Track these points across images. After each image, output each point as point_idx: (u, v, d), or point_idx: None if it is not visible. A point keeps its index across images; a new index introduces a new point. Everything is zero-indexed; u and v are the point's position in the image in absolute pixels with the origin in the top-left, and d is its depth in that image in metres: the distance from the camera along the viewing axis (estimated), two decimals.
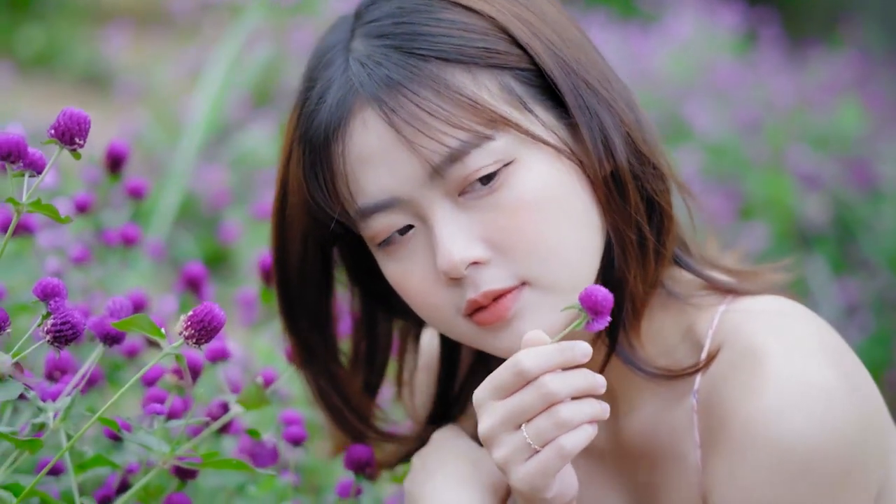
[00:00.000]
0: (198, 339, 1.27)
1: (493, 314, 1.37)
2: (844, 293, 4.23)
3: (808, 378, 1.31)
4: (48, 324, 1.27)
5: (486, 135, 1.33)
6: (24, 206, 1.25)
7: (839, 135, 4.85)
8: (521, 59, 1.38)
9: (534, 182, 1.35)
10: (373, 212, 1.37)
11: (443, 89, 1.33)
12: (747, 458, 1.32)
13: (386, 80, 1.34)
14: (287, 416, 1.63)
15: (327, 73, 1.40)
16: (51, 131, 1.26)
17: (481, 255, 1.35)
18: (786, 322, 1.39)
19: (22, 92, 5.19)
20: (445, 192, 1.35)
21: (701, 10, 5.76)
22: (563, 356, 1.26)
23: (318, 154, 1.39)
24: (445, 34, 1.36)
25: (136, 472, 1.50)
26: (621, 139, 1.39)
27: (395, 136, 1.34)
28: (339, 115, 1.37)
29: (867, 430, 1.33)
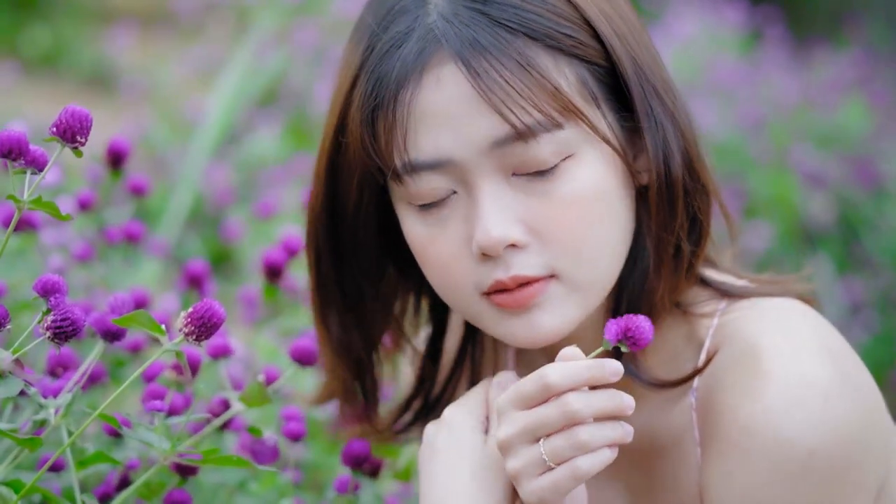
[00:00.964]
0: (198, 335, 1.27)
1: (516, 300, 1.36)
2: (849, 292, 4.22)
3: (807, 378, 1.31)
4: (48, 320, 1.27)
5: (559, 122, 1.32)
6: (25, 203, 1.25)
7: (843, 134, 4.85)
8: (599, 56, 1.36)
9: (588, 180, 1.34)
10: (422, 169, 1.35)
11: (528, 67, 1.31)
12: (745, 458, 1.32)
13: (473, 41, 1.32)
14: (287, 412, 1.63)
15: (404, 20, 1.36)
16: (52, 129, 1.25)
17: (521, 237, 1.34)
18: (785, 320, 1.38)
19: (27, 92, 5.20)
20: (500, 166, 1.34)
21: (704, 9, 5.75)
22: (591, 373, 1.24)
23: (384, 98, 1.35)
24: (536, 13, 1.34)
25: (138, 468, 1.50)
26: (679, 152, 1.38)
27: (473, 99, 1.31)
28: (417, 64, 1.33)
29: (866, 431, 1.33)
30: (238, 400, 1.46)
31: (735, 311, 1.41)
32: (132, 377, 1.31)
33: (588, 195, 1.34)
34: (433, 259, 1.39)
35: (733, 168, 4.60)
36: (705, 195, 1.41)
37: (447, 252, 1.37)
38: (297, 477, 1.68)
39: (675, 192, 1.38)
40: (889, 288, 4.26)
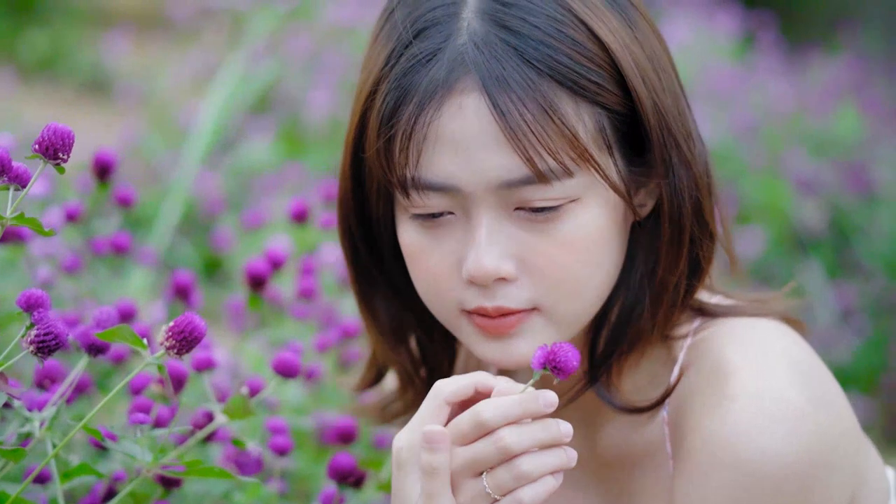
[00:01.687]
0: (179, 349, 1.27)
1: (496, 326, 1.37)
2: (840, 298, 4.25)
3: (774, 397, 1.32)
4: (31, 335, 1.28)
5: (571, 171, 1.32)
6: (8, 220, 1.26)
7: (836, 140, 4.87)
8: (622, 103, 1.35)
9: (589, 223, 1.35)
10: (428, 188, 1.35)
11: (551, 112, 1.31)
12: (711, 476, 1.33)
13: (501, 78, 1.31)
14: (273, 424, 1.64)
15: (434, 33, 1.35)
16: (35, 146, 1.26)
17: (511, 272, 1.34)
18: (755, 339, 1.40)
19: (25, 96, 5.22)
20: (504, 202, 1.34)
21: (699, 14, 5.76)
22: (524, 408, 1.24)
23: (404, 113, 1.35)
24: (566, 55, 1.32)
25: (123, 479, 1.51)
26: (691, 201, 1.38)
27: (491, 134, 1.31)
28: (442, 86, 1.33)
29: (833, 452, 1.34)
30: (221, 412, 1.46)
31: (708, 330, 1.42)
32: (114, 391, 1.31)
33: (586, 238, 1.35)
34: (423, 270, 1.40)
35: (726, 174, 4.60)
36: (710, 241, 1.41)
37: (437, 267, 1.38)
38: (283, 487, 1.69)
39: (682, 240, 1.39)
40: (880, 293, 4.28)
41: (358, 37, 4.61)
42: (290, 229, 2.43)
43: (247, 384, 1.59)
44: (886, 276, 4.30)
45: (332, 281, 2.34)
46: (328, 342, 2.08)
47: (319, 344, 2.08)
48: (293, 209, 2.25)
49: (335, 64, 4.52)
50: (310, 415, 2.01)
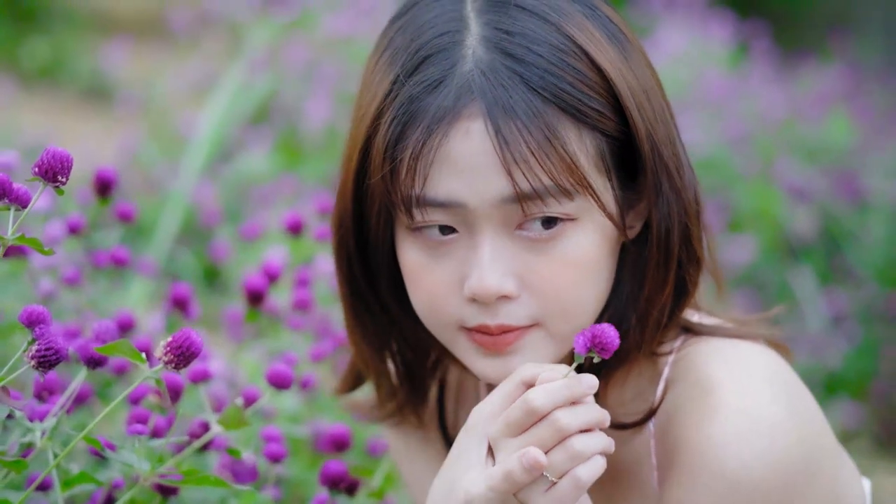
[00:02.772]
0: (176, 364, 1.31)
1: (496, 343, 1.41)
2: (831, 304, 4.26)
3: (755, 411, 1.37)
4: (33, 349, 1.31)
5: (571, 193, 1.36)
6: (9, 240, 1.30)
7: (828, 147, 4.88)
8: (619, 129, 1.39)
9: (585, 245, 1.39)
10: (432, 205, 1.38)
11: (553, 139, 1.34)
12: (696, 486, 1.38)
13: (506, 105, 1.34)
14: (267, 433, 1.67)
15: (439, 59, 1.38)
16: (35, 169, 1.30)
17: (512, 290, 1.38)
18: (737, 356, 1.44)
19: (25, 104, 5.23)
20: (506, 220, 1.37)
21: (693, 24, 5.76)
22: (572, 391, 1.30)
23: (412, 137, 1.38)
24: (569, 83, 1.36)
25: (121, 487, 1.54)
26: (680, 226, 1.42)
27: (495, 162, 1.35)
28: (451, 112, 1.36)
29: (811, 463, 1.39)
30: (217, 422, 1.47)
31: (692, 347, 1.47)
32: (114, 403, 1.35)
33: (583, 257, 1.38)
34: (423, 287, 1.43)
35: (719, 182, 4.63)
36: (696, 266, 1.45)
37: (438, 285, 1.41)
38: (278, 493, 1.71)
39: (670, 264, 1.43)
40: (871, 300, 4.29)
41: (355, 47, 4.62)
42: (287, 240, 2.45)
43: (242, 394, 1.64)
44: (877, 283, 4.31)
45: (327, 292, 2.35)
46: (323, 352, 2.10)
47: (314, 354, 2.10)
48: (289, 222, 2.28)
49: (332, 74, 4.53)
50: (305, 423, 2.04)
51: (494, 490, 1.30)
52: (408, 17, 1.44)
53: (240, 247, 3.25)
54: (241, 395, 1.61)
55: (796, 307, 4.24)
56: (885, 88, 5.95)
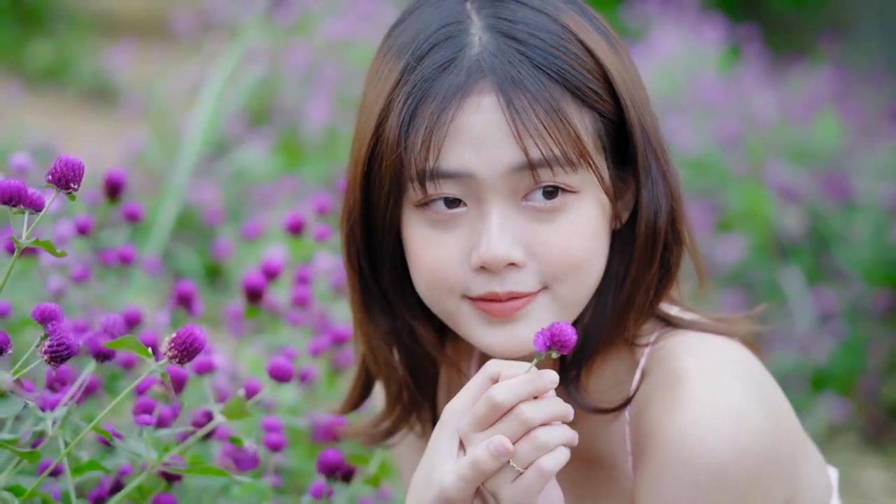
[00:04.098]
0: (181, 358, 1.38)
1: (503, 310, 1.47)
2: (819, 302, 4.29)
3: (722, 402, 1.44)
4: (45, 345, 1.38)
5: (574, 166, 1.44)
6: (24, 243, 1.37)
7: (817, 149, 4.91)
8: (613, 111, 1.48)
9: (588, 217, 1.46)
10: (444, 177, 1.44)
11: (559, 113, 1.43)
12: (667, 472, 1.45)
13: (517, 79, 1.42)
14: (268, 423, 1.73)
15: (448, 45, 1.46)
16: (48, 177, 1.36)
17: (520, 257, 1.45)
18: (707, 349, 1.52)
19: (30, 105, 5.26)
20: (514, 190, 1.45)
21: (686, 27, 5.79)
22: (534, 386, 1.36)
23: (426, 112, 1.44)
24: (571, 66, 1.45)
25: (129, 474, 1.61)
26: (666, 209, 1.51)
27: (505, 129, 1.42)
28: (463, 88, 1.43)
29: (775, 451, 1.46)
30: (219, 413, 1.55)
31: (668, 339, 1.54)
32: (122, 394, 1.42)
33: (586, 227, 1.46)
34: (428, 259, 1.49)
35: (710, 182, 4.67)
36: (680, 247, 1.54)
37: (443, 256, 1.48)
38: (278, 482, 1.77)
39: (657, 245, 1.51)
40: (858, 298, 4.32)
41: (354, 50, 4.65)
42: (287, 239, 2.50)
43: (244, 386, 1.68)
44: (864, 282, 4.33)
45: (326, 289, 2.40)
46: (321, 347, 2.15)
47: (313, 348, 2.15)
48: (290, 222, 2.32)
49: (332, 77, 4.56)
50: (303, 414, 2.09)
51: (464, 479, 1.37)
52: (409, 20, 1.52)
53: (241, 245, 3.29)
54: (242, 388, 1.64)
55: (785, 305, 4.28)
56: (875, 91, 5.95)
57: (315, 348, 2.16)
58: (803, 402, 4.05)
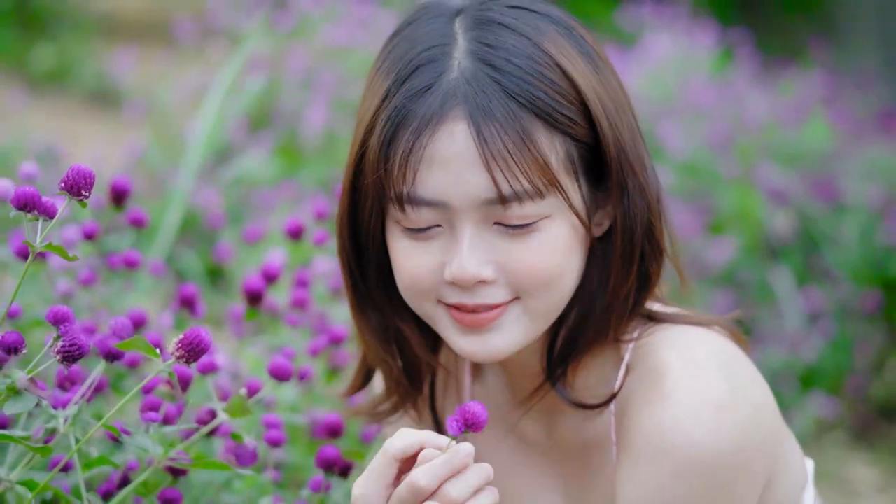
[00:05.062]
0: (187, 359, 1.43)
1: (476, 320, 1.54)
2: (808, 302, 4.33)
3: (703, 392, 1.50)
4: (58, 345, 1.43)
5: (543, 193, 1.49)
6: (39, 248, 1.42)
7: (807, 152, 4.93)
8: (588, 134, 1.52)
9: (558, 236, 1.51)
10: (421, 203, 1.50)
11: (527, 142, 1.47)
12: (649, 464, 1.51)
13: (486, 110, 1.46)
14: (268, 420, 1.77)
15: (430, 67, 1.50)
16: (61, 185, 1.42)
17: (490, 275, 1.51)
18: (688, 344, 1.57)
19: (35, 108, 5.28)
20: (486, 217, 1.51)
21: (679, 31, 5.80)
22: (451, 466, 1.37)
23: (403, 136, 1.49)
24: (543, 91, 1.49)
25: (136, 469, 1.65)
26: (643, 222, 1.55)
27: (476, 159, 1.47)
28: (437, 114, 1.47)
29: (754, 440, 1.52)
30: (222, 410, 1.59)
31: (650, 335, 1.60)
32: (131, 393, 1.47)
33: (556, 246, 1.51)
34: (408, 270, 1.56)
35: (702, 185, 4.70)
36: (659, 258, 1.59)
37: (421, 268, 1.54)
38: (278, 477, 1.82)
39: (634, 257, 1.56)
40: (846, 298, 4.36)
41: (352, 56, 4.67)
42: (287, 243, 2.53)
43: (246, 386, 1.74)
44: (852, 282, 4.37)
45: (324, 291, 2.43)
46: (319, 347, 2.18)
47: (312, 349, 2.18)
48: (289, 227, 2.35)
49: (331, 81, 4.57)
50: (303, 412, 2.13)
51: None
52: (405, 32, 1.58)
53: (242, 249, 3.31)
54: (244, 387, 1.70)
55: (775, 305, 4.32)
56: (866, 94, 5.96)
57: (313, 348, 2.19)
58: (793, 400, 4.09)
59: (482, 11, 1.55)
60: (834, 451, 4.03)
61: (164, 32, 5.99)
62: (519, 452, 1.73)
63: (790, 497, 1.66)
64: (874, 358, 4.30)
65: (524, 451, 1.73)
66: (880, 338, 4.34)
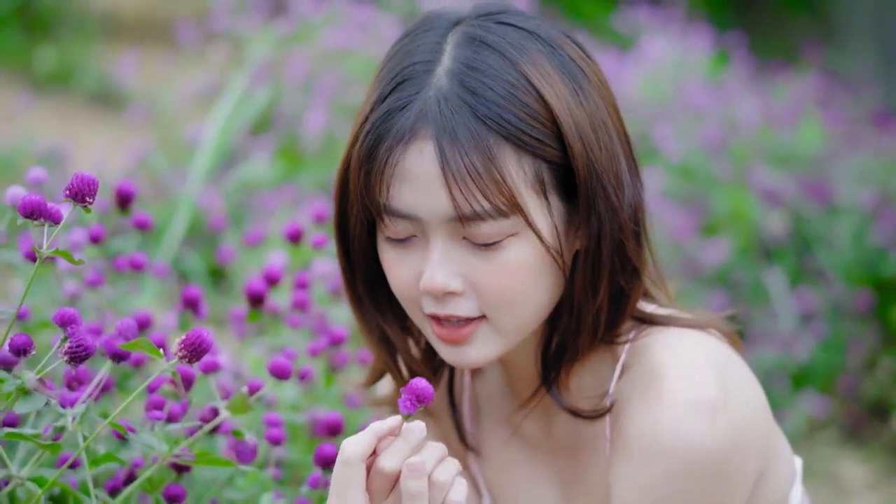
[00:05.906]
0: (190, 358, 1.46)
1: (451, 336, 1.59)
2: (801, 302, 4.36)
3: (698, 395, 1.54)
4: (65, 347, 1.46)
5: (505, 213, 1.53)
6: (46, 252, 1.46)
7: (800, 154, 4.94)
8: (559, 155, 1.54)
9: (525, 255, 1.55)
10: (394, 215, 1.55)
11: (491, 163, 1.50)
12: (644, 462, 1.55)
13: (452, 132, 1.50)
14: (269, 418, 1.80)
15: (411, 84, 1.55)
16: (66, 192, 1.45)
17: (458, 287, 1.56)
18: (682, 345, 1.61)
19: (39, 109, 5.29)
20: (454, 232, 1.55)
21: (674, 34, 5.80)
22: (411, 441, 1.44)
23: (379, 152, 1.54)
24: (514, 114, 1.52)
25: (141, 466, 1.68)
26: (612, 241, 1.58)
27: (440, 181, 1.51)
28: (408, 134, 1.52)
29: (745, 439, 1.56)
30: (225, 408, 1.63)
31: (645, 337, 1.64)
32: (136, 392, 1.50)
33: (522, 266, 1.55)
34: (393, 280, 1.62)
35: (697, 186, 4.72)
36: (634, 275, 1.62)
37: (404, 278, 1.60)
38: (278, 474, 1.84)
39: (601, 274, 1.59)
40: (839, 298, 4.38)
41: (352, 59, 4.69)
42: (287, 246, 2.55)
43: (247, 384, 1.76)
44: (845, 283, 4.40)
45: (324, 293, 2.47)
46: (319, 347, 2.21)
47: (311, 349, 2.21)
48: (289, 231, 2.37)
49: (331, 85, 4.59)
50: (303, 411, 2.15)
51: None
52: (403, 42, 1.63)
53: (244, 251, 3.33)
54: (246, 386, 1.71)
55: (769, 305, 4.34)
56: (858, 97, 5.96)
57: (313, 349, 2.21)
58: (785, 399, 4.12)
59: (473, 28, 1.58)
60: (826, 449, 4.06)
61: (165, 32, 6.02)
62: (518, 449, 1.77)
63: (780, 493, 1.70)
64: (866, 357, 4.32)
65: (523, 447, 1.77)
66: (872, 337, 4.36)
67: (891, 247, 4.50)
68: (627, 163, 1.62)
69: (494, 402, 1.80)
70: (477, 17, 1.60)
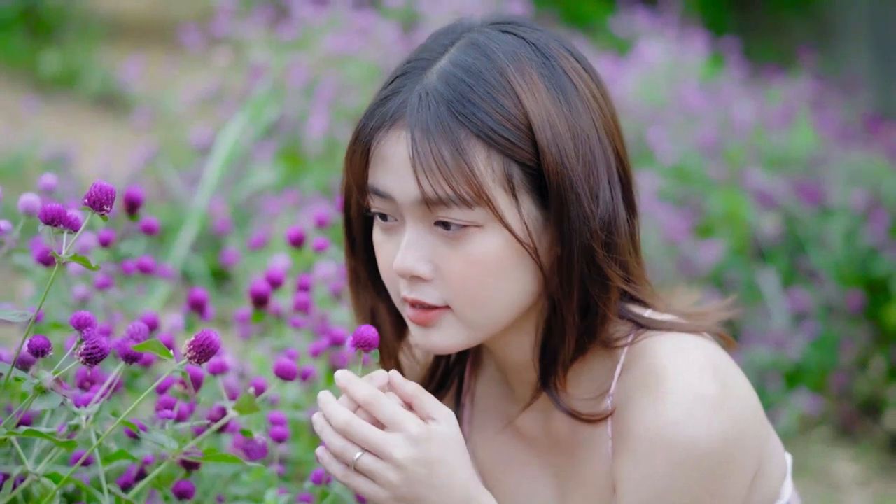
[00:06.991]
0: (198, 359, 1.51)
1: (419, 318, 1.65)
2: (794, 302, 4.39)
3: (697, 392, 1.60)
4: (81, 348, 1.50)
5: (469, 203, 1.58)
6: (65, 258, 1.50)
7: (793, 156, 4.95)
8: (532, 159, 1.58)
9: (489, 249, 1.60)
10: (375, 194, 1.63)
11: (459, 154, 1.56)
12: (649, 457, 1.60)
13: (425, 125, 1.57)
14: (273, 417, 1.83)
15: (408, 78, 1.63)
16: (84, 200, 1.50)
17: (424, 272, 1.62)
18: (681, 346, 1.66)
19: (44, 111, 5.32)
20: (425, 216, 1.61)
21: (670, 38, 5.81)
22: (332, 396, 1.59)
23: (366, 136, 1.63)
24: (488, 114, 1.57)
25: (152, 463, 1.71)
26: (583, 250, 1.61)
27: (410, 166, 1.58)
28: (389, 121, 1.60)
29: (744, 434, 1.62)
30: (232, 408, 1.66)
31: (644, 339, 1.68)
32: (147, 391, 1.54)
33: (486, 260, 1.60)
34: (380, 260, 1.70)
35: (692, 188, 4.74)
36: (605, 286, 1.65)
37: (386, 259, 1.68)
38: (282, 470, 1.87)
39: (572, 282, 1.63)
40: (831, 298, 4.41)
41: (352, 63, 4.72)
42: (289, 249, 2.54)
43: (252, 385, 1.81)
44: (837, 283, 4.43)
45: (325, 295, 2.49)
46: (321, 348, 2.22)
47: (313, 350, 2.22)
48: (291, 236, 2.40)
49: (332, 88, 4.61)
50: (305, 409, 2.18)
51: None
52: (427, 40, 1.71)
53: (247, 254, 3.36)
54: (251, 386, 1.76)
55: (762, 305, 4.36)
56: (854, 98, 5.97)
57: (315, 350, 2.22)
58: (778, 397, 4.15)
59: (478, 35, 1.65)
60: (818, 446, 4.09)
61: (168, 35, 6.02)
62: (516, 446, 1.80)
63: (771, 488, 1.75)
64: (858, 356, 4.36)
65: (521, 444, 1.80)
66: (864, 336, 4.39)
67: (882, 247, 4.53)
68: (612, 177, 1.65)
69: (493, 402, 1.84)
70: (487, 25, 1.67)
